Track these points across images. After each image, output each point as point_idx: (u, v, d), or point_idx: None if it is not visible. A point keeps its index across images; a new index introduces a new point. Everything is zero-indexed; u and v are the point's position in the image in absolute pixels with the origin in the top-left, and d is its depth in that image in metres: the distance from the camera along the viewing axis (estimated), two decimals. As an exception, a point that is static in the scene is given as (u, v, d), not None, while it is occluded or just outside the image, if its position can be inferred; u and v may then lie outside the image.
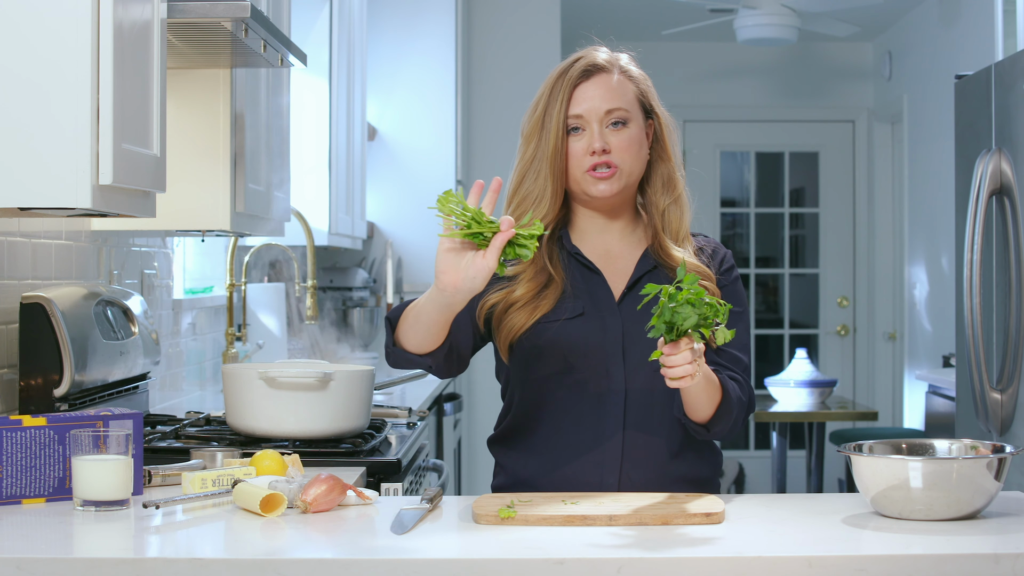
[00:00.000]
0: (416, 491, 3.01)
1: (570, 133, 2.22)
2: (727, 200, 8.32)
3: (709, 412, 2.14)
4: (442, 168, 5.97)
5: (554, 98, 2.22)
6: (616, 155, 2.21)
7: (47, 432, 2.10)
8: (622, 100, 2.22)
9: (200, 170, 2.95)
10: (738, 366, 2.24)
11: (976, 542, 1.79)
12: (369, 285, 5.60)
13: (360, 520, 1.98)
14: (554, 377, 2.21)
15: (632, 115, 2.23)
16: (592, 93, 2.21)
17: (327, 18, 4.58)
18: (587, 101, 2.21)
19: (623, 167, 2.21)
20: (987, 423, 4.02)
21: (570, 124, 2.22)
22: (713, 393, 2.12)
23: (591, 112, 2.21)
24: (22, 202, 2.04)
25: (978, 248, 4.00)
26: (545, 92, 2.24)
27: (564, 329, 2.21)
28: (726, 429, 2.17)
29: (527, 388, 2.25)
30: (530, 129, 2.24)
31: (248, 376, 2.64)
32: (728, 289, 2.28)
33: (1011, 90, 3.91)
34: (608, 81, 2.23)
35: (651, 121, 2.28)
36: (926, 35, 7.04)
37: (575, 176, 2.22)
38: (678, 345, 1.95)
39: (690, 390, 2.09)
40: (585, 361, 2.20)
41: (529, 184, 2.23)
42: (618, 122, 2.21)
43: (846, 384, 8.09)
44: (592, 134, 2.20)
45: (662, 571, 1.70)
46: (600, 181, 2.21)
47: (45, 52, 2.02)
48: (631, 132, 2.22)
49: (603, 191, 2.21)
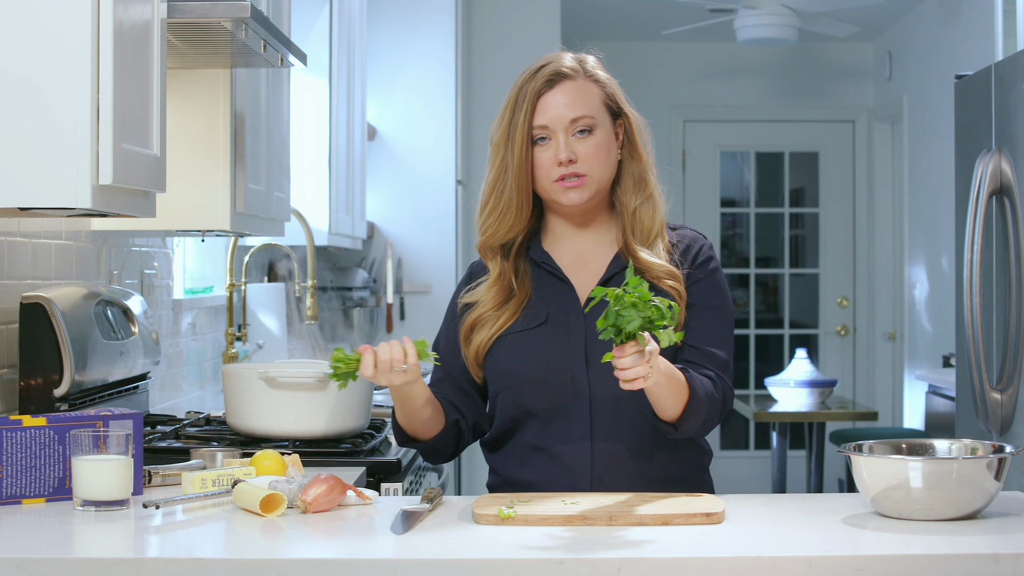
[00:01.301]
0: (416, 491, 3.01)
1: (536, 143, 2.20)
2: (727, 200, 8.32)
3: (676, 411, 2.11)
4: (442, 168, 5.97)
5: (519, 108, 2.20)
6: (583, 163, 2.19)
7: (47, 432, 2.10)
8: (587, 107, 2.20)
9: (200, 170, 2.95)
10: (712, 362, 2.20)
11: (976, 542, 1.79)
12: (369, 285, 5.60)
13: (360, 520, 1.98)
14: (523, 385, 2.21)
15: (598, 120, 2.21)
16: (556, 102, 2.19)
17: (327, 18, 4.58)
18: (552, 111, 2.19)
19: (591, 175, 2.20)
20: (987, 423, 4.02)
21: (536, 134, 2.20)
22: (678, 391, 2.10)
23: (556, 121, 2.19)
24: (22, 202, 2.04)
25: (978, 248, 4.00)
26: (510, 102, 2.22)
27: (527, 338, 2.21)
28: (696, 427, 2.14)
29: (503, 396, 2.25)
30: (498, 139, 2.23)
31: (248, 376, 2.64)
32: (703, 282, 2.25)
33: (1011, 90, 3.91)
34: (572, 88, 2.21)
35: (620, 121, 2.26)
36: (926, 35, 7.04)
37: (544, 186, 2.21)
38: (624, 348, 1.95)
39: (652, 390, 2.07)
40: (550, 369, 2.19)
41: (496, 197, 2.23)
42: (584, 130, 2.20)
43: (846, 384, 8.09)
44: (558, 144, 2.18)
45: (662, 571, 1.70)
46: (569, 190, 2.19)
47: (45, 52, 2.02)
48: (598, 139, 2.20)
49: (573, 200, 2.20)
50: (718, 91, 8.11)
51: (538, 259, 2.27)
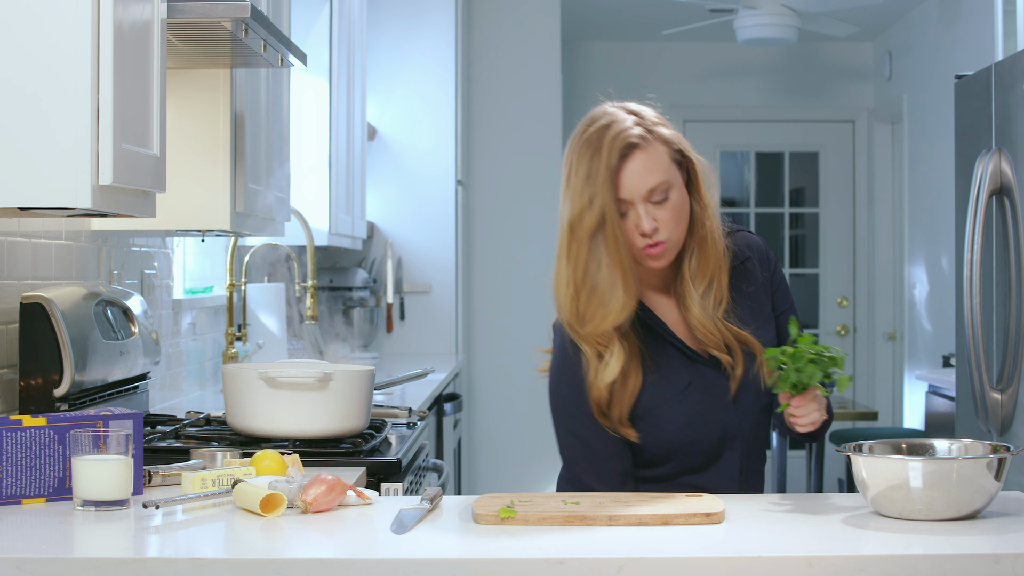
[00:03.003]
0: (416, 491, 3.01)
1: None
2: (727, 200, 8.31)
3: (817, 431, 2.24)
4: (442, 168, 5.97)
5: (605, 186, 2.12)
6: (664, 231, 2.17)
7: (47, 432, 2.10)
8: (660, 172, 2.16)
9: (200, 170, 2.95)
10: None
11: (976, 542, 1.79)
12: (369, 285, 5.60)
13: (360, 520, 1.98)
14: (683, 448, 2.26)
15: (672, 182, 2.18)
16: (632, 173, 2.14)
17: (327, 18, 4.58)
18: (628, 183, 2.13)
19: (671, 239, 2.18)
20: (987, 423, 4.02)
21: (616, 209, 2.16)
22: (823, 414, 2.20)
23: (634, 193, 2.14)
24: (22, 202, 2.04)
25: (978, 248, 4.00)
26: (584, 179, 2.13)
27: (679, 402, 2.24)
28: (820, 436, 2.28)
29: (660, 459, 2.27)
30: (584, 222, 2.13)
31: (248, 376, 2.64)
32: (780, 288, 2.33)
33: (1011, 90, 3.91)
34: (644, 157, 2.15)
35: (684, 165, 2.23)
36: (926, 35, 7.04)
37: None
38: (804, 398, 2.08)
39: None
40: (707, 429, 2.25)
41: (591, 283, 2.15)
42: (661, 196, 2.16)
43: (846, 384, 8.08)
44: (639, 215, 2.15)
45: (662, 571, 1.70)
46: (652, 258, 2.19)
47: (44, 53, 2.02)
48: (674, 202, 2.17)
49: (656, 266, 2.21)
50: (718, 91, 8.11)
51: (646, 318, 2.24)
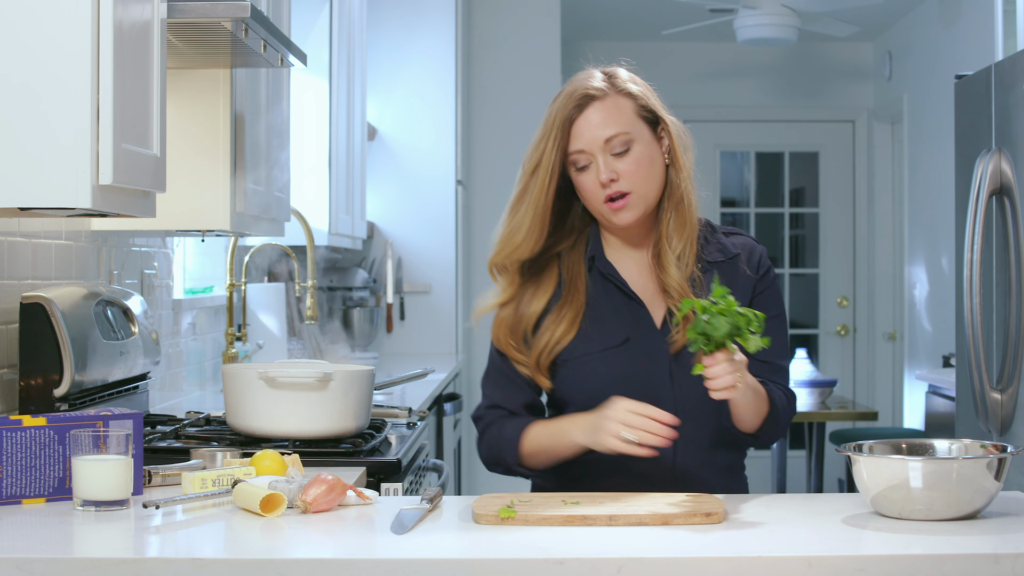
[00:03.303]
0: (416, 491, 3.01)
1: (580, 170, 2.19)
2: (727, 200, 8.32)
3: (757, 423, 2.17)
4: (442, 168, 5.97)
5: (549, 136, 2.18)
6: (625, 181, 2.17)
7: (47, 432, 2.10)
8: (620, 123, 2.18)
9: (200, 170, 2.95)
10: (779, 374, 2.26)
11: (976, 542, 1.79)
12: (369, 285, 5.60)
13: (360, 520, 1.98)
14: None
15: (634, 134, 2.19)
16: (588, 124, 2.17)
17: (327, 18, 4.58)
18: (584, 133, 2.17)
19: (636, 191, 2.18)
20: (987, 423, 4.02)
21: (577, 161, 2.19)
22: (760, 405, 2.15)
23: (591, 144, 2.17)
24: (22, 202, 2.04)
25: (978, 248, 4.00)
26: (542, 130, 2.21)
27: (609, 359, 2.21)
28: (771, 440, 2.21)
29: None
30: (529, 166, 2.21)
31: (248, 376, 2.64)
32: (766, 295, 2.28)
33: (1011, 90, 3.91)
34: (602, 108, 2.18)
35: (661, 127, 2.23)
36: (926, 35, 7.04)
37: (596, 208, 2.21)
38: (716, 357, 1.99)
39: (737, 402, 2.11)
40: (634, 391, 2.17)
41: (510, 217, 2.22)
42: (621, 147, 2.18)
43: (846, 384, 8.09)
44: (598, 166, 2.17)
45: (662, 571, 1.70)
46: (618, 211, 2.19)
47: (44, 53, 2.02)
48: (636, 153, 2.18)
49: (624, 220, 2.20)
50: (718, 91, 8.11)
51: (605, 271, 2.25)
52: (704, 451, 2.23)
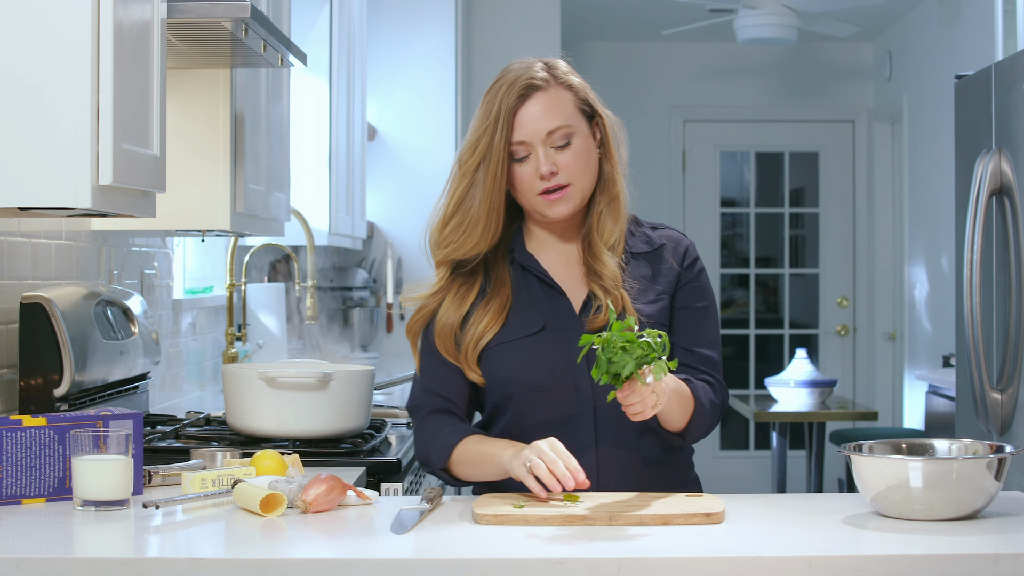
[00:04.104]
0: (416, 491, 3.01)
1: (516, 161, 2.18)
2: (727, 200, 8.32)
3: (683, 423, 2.15)
4: (442, 168, 5.95)
5: (495, 126, 2.16)
6: (565, 174, 2.17)
7: (47, 432, 2.10)
8: (562, 116, 2.17)
9: (200, 170, 2.95)
10: (706, 363, 2.22)
11: (976, 542, 1.79)
12: (369, 285, 5.60)
13: (360, 520, 1.98)
14: (526, 395, 2.19)
15: (575, 128, 2.19)
16: (531, 115, 2.16)
17: (327, 18, 4.58)
18: (527, 124, 2.16)
19: (575, 184, 2.18)
20: (987, 423, 4.02)
21: (515, 152, 2.17)
22: (685, 405, 2.13)
23: (533, 135, 2.16)
24: (22, 202, 2.04)
25: (978, 248, 4.00)
26: (484, 119, 2.18)
27: (526, 346, 2.20)
28: (701, 435, 2.18)
29: (505, 406, 2.23)
30: (472, 159, 2.18)
31: (248, 376, 2.64)
32: (691, 286, 2.25)
33: (1011, 90, 3.91)
34: (545, 99, 2.17)
35: (596, 121, 2.24)
36: (926, 35, 7.05)
37: (528, 200, 2.20)
38: (625, 390, 1.96)
39: (664, 410, 2.09)
40: (552, 377, 2.17)
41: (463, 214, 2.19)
42: (562, 140, 2.17)
43: (846, 384, 8.09)
44: (538, 158, 2.16)
45: (662, 571, 1.70)
46: (555, 204, 2.18)
47: (44, 52, 2.02)
48: (576, 147, 2.18)
49: (560, 213, 2.19)
50: (718, 91, 8.11)
51: (524, 263, 2.25)
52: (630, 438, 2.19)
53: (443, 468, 2.20)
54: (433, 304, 2.26)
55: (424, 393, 2.28)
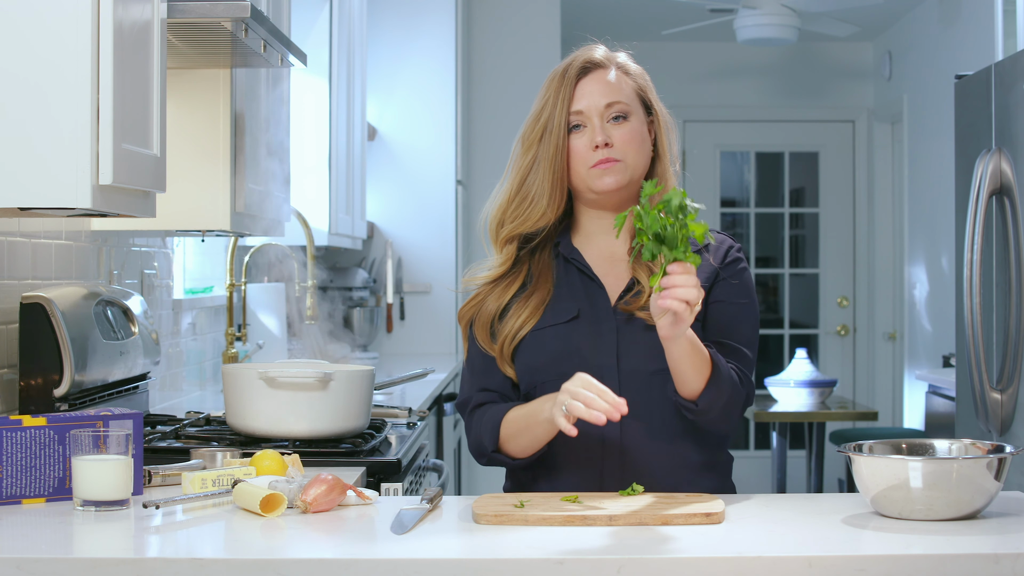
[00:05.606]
0: (416, 491, 3.01)
1: (572, 131, 2.22)
2: (727, 200, 8.32)
3: (698, 386, 2.10)
4: (442, 168, 5.97)
5: (555, 98, 2.22)
6: (619, 148, 2.20)
7: (47, 432, 2.10)
8: (621, 94, 2.23)
9: (200, 170, 2.95)
10: (736, 356, 2.22)
11: (976, 542, 1.79)
12: (369, 285, 5.60)
13: (360, 520, 1.98)
14: (551, 383, 2.17)
15: (632, 109, 2.23)
16: (591, 88, 2.22)
17: (327, 18, 4.58)
18: (587, 96, 2.21)
19: (627, 159, 2.21)
20: (987, 423, 4.02)
21: (571, 121, 2.21)
22: (701, 365, 2.09)
23: (591, 107, 2.21)
24: (22, 202, 2.04)
25: (978, 248, 4.00)
26: (546, 94, 2.24)
27: (558, 333, 2.21)
28: (718, 407, 2.12)
29: (529, 397, 2.22)
30: (532, 135, 2.23)
31: (248, 376, 2.64)
32: (730, 283, 2.26)
33: (1011, 90, 3.91)
34: (606, 76, 2.23)
35: (651, 118, 2.28)
36: (926, 35, 7.05)
37: (580, 173, 2.22)
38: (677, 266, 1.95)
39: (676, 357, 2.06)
40: (580, 366, 2.15)
41: (527, 188, 2.23)
42: (619, 116, 2.21)
43: (846, 384, 8.09)
44: (594, 129, 2.20)
45: (662, 571, 1.70)
46: (604, 175, 2.20)
47: (45, 52, 2.02)
48: (632, 126, 2.22)
49: (608, 184, 2.20)
50: (718, 91, 8.11)
51: (568, 255, 2.27)
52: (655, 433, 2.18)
53: (496, 450, 2.20)
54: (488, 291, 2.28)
55: (470, 387, 2.30)
